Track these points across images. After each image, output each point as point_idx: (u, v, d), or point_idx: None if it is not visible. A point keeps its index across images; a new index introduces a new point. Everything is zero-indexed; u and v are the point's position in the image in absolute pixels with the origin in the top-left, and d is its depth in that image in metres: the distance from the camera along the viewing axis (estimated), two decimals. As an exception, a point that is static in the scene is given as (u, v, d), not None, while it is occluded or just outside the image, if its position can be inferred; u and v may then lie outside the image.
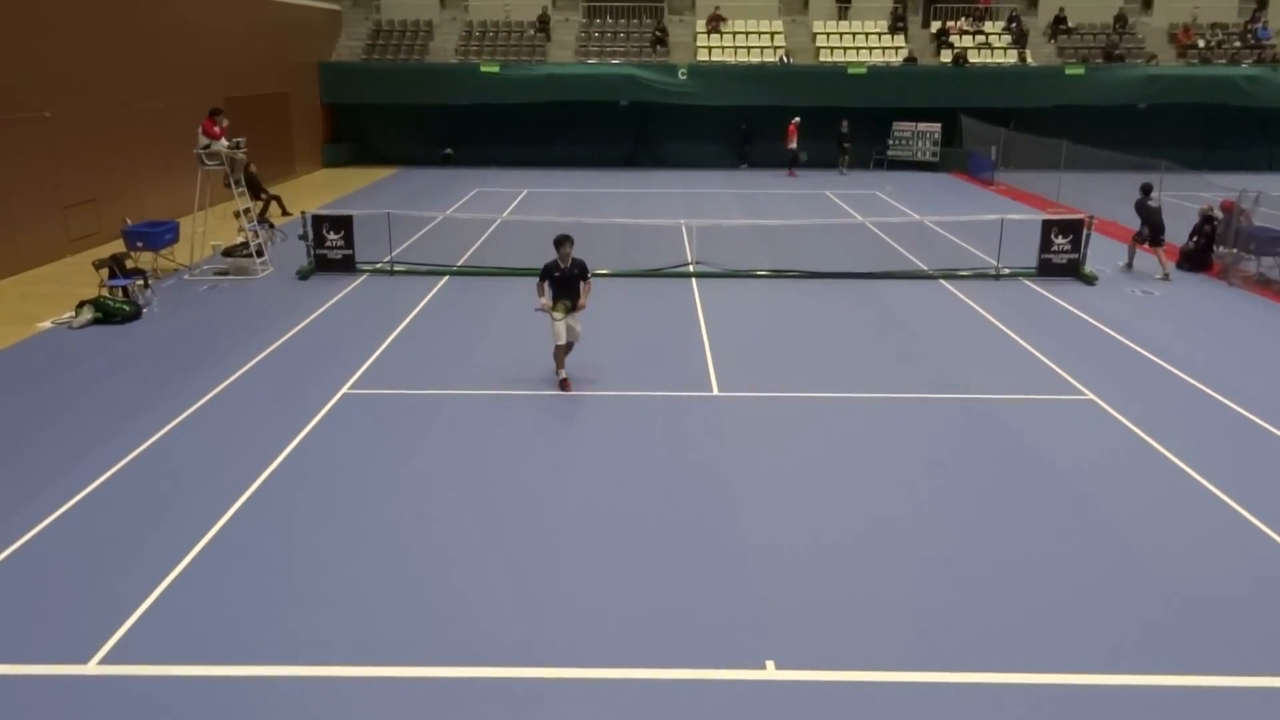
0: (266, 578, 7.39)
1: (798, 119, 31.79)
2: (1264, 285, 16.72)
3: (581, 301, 11.42)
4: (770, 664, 6.36)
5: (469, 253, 19.01)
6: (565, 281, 11.30)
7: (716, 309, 15.15)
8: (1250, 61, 33.74)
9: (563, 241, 11.29)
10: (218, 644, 6.55)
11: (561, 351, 11.52)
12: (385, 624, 6.80)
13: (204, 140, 17.23)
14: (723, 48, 34.55)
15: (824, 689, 6.13)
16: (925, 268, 17.94)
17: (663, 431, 10.28)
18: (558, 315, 11.22)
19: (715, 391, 11.55)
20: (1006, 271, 17.41)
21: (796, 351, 13.09)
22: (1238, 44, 34.75)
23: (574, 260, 11.36)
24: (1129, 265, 18.03)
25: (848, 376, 12.09)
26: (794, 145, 32.05)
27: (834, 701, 6.01)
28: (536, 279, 11.48)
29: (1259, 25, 35.13)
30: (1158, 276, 17.22)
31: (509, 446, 9.86)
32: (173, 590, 7.21)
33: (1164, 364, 12.55)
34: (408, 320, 14.46)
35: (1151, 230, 17.48)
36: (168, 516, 8.33)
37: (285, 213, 22.57)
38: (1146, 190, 17.85)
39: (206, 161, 17.28)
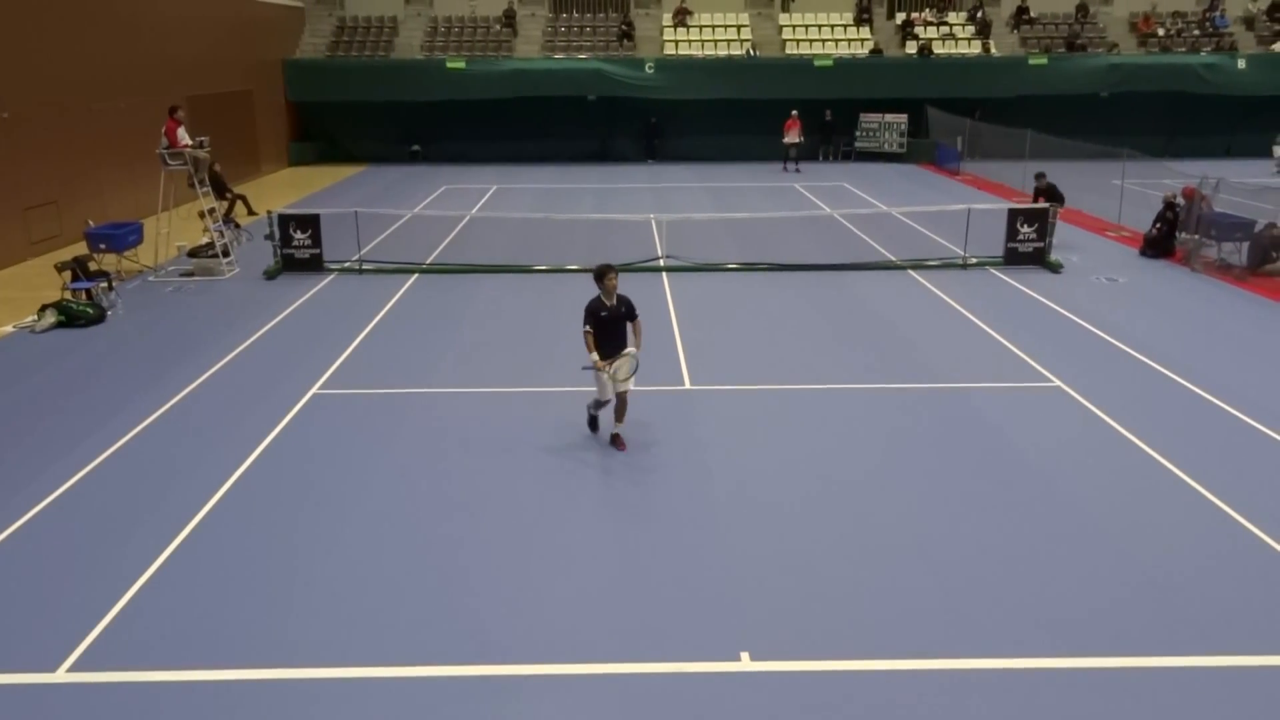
0: (239, 580, 7.33)
1: (796, 111, 30.94)
2: (1224, 270, 16.98)
3: (635, 348, 9.53)
4: (745, 655, 6.39)
5: (438, 250, 18.92)
6: (612, 324, 9.42)
7: (687, 303, 15.18)
8: (1209, 50, 34.20)
9: (606, 273, 9.42)
10: (191, 648, 6.49)
11: (603, 404, 9.75)
12: (360, 624, 6.77)
13: (166, 141, 17.05)
14: (689, 41, 34.56)
15: (799, 679, 6.17)
16: (894, 258, 18.06)
17: (636, 426, 10.28)
18: (622, 376, 9.36)
19: (688, 385, 11.57)
20: (974, 261, 17.56)
21: (768, 344, 13.14)
22: (1196, 33, 35.22)
23: (619, 296, 9.54)
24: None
25: (819, 368, 12.16)
26: (793, 139, 30.85)
27: (809, 691, 6.05)
28: (584, 328, 9.41)
29: (1217, 14, 35.62)
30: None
31: (481, 444, 9.83)
32: (143, 595, 7.13)
33: (1128, 350, 12.72)
34: (377, 319, 14.37)
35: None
36: (137, 520, 8.24)
37: (251, 212, 22.35)
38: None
39: (170, 161, 17.08)
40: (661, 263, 17.60)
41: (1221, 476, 8.95)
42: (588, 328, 9.36)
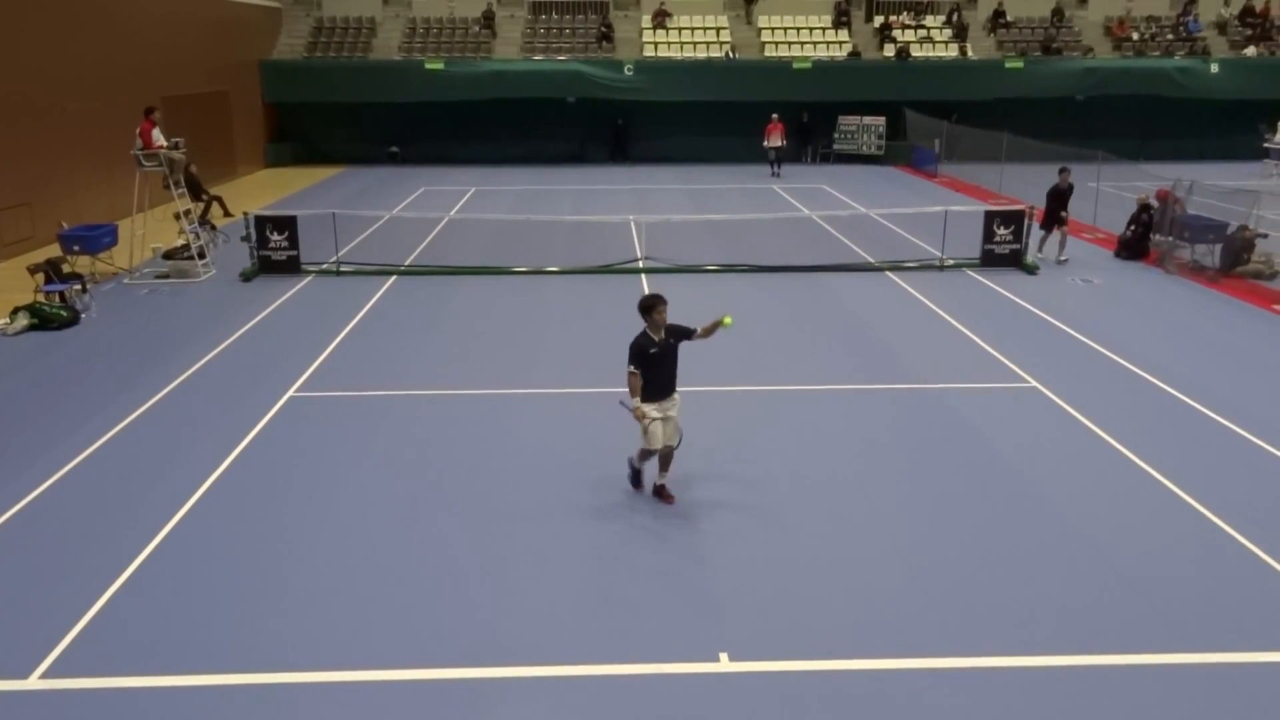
0: (216, 584, 7.27)
1: (776, 115, 30.41)
2: (1198, 271, 17.15)
3: (723, 320, 8.36)
4: (724, 656, 6.40)
5: (416, 252, 18.85)
6: (661, 360, 8.18)
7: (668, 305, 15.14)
8: (1182, 54, 34.57)
9: (656, 305, 8.12)
10: (166, 654, 6.43)
11: (649, 455, 8.51)
12: (339, 628, 6.73)
13: (141, 142, 16.91)
14: (669, 43, 34.60)
15: (778, 679, 6.18)
16: (872, 260, 18.14)
17: (614, 428, 10.27)
18: (656, 414, 8.21)
19: (666, 387, 11.56)
20: (951, 263, 17.67)
21: (746, 345, 13.15)
22: (1170, 37, 35.60)
23: (668, 326, 8.25)
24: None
25: (797, 369, 12.19)
26: (775, 143, 30.28)
27: (788, 691, 6.07)
28: (629, 368, 8.13)
29: (1190, 18, 36.02)
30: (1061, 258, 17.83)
31: (459, 446, 9.80)
32: (118, 600, 7.06)
33: (1103, 350, 12.83)
34: (355, 321, 14.30)
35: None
36: (112, 525, 8.16)
37: (227, 214, 22.21)
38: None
39: (145, 162, 16.94)
40: (641, 264, 17.61)
41: (1194, 475, 9.03)
42: (634, 369, 8.04)
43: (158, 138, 17.09)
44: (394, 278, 16.94)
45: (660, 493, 8.54)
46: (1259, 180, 19.64)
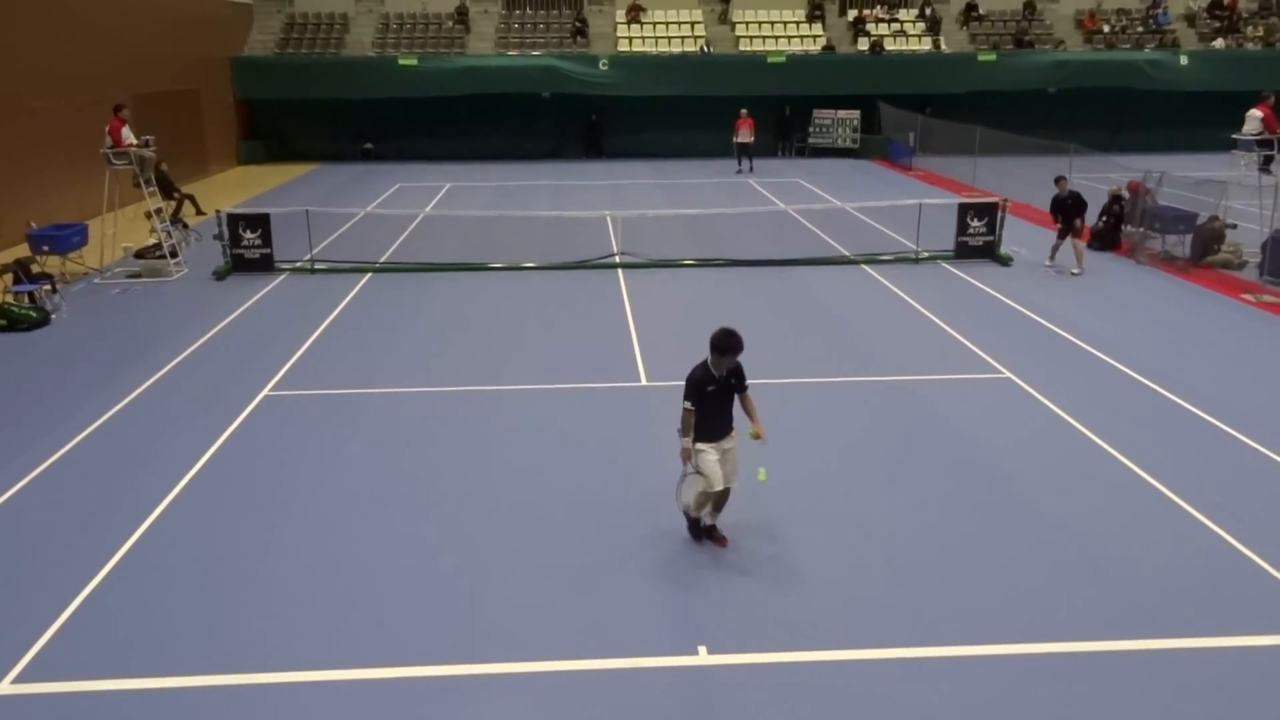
0: (190, 586, 7.22)
1: (746, 110, 30.04)
2: (1168, 262, 17.34)
3: (757, 427, 7.56)
4: (703, 649, 6.42)
5: (391, 249, 18.75)
6: (718, 398, 7.49)
7: (643, 299, 15.19)
8: (1152, 46, 34.90)
9: (733, 347, 7.38)
10: (141, 656, 6.38)
11: (709, 500, 7.70)
12: (316, 627, 6.70)
13: (111, 140, 16.73)
14: (643, 38, 34.57)
15: (757, 671, 6.21)
16: (847, 253, 18.22)
17: (592, 424, 10.29)
18: (714, 454, 7.50)
19: (644, 382, 11.59)
20: (925, 255, 17.77)
21: (723, 339, 13.18)
22: (1140, 29, 35.92)
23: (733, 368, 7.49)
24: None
25: (773, 362, 12.22)
26: (745, 138, 29.71)
27: (767, 683, 6.10)
28: (685, 404, 7.39)
29: (1160, 11, 36.36)
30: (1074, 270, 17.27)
31: (436, 444, 9.77)
32: (90, 603, 7.00)
33: (1075, 340, 12.95)
34: (330, 319, 14.21)
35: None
36: (84, 527, 8.08)
37: (199, 212, 22.02)
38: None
39: (114, 161, 16.77)
40: (617, 259, 17.60)
41: (1164, 462, 9.14)
42: (689, 404, 7.38)
43: (128, 136, 16.91)
44: (369, 275, 16.85)
45: (712, 534, 7.84)
46: (1227, 171, 19.85)
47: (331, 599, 7.04)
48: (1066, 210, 16.72)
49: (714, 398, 7.45)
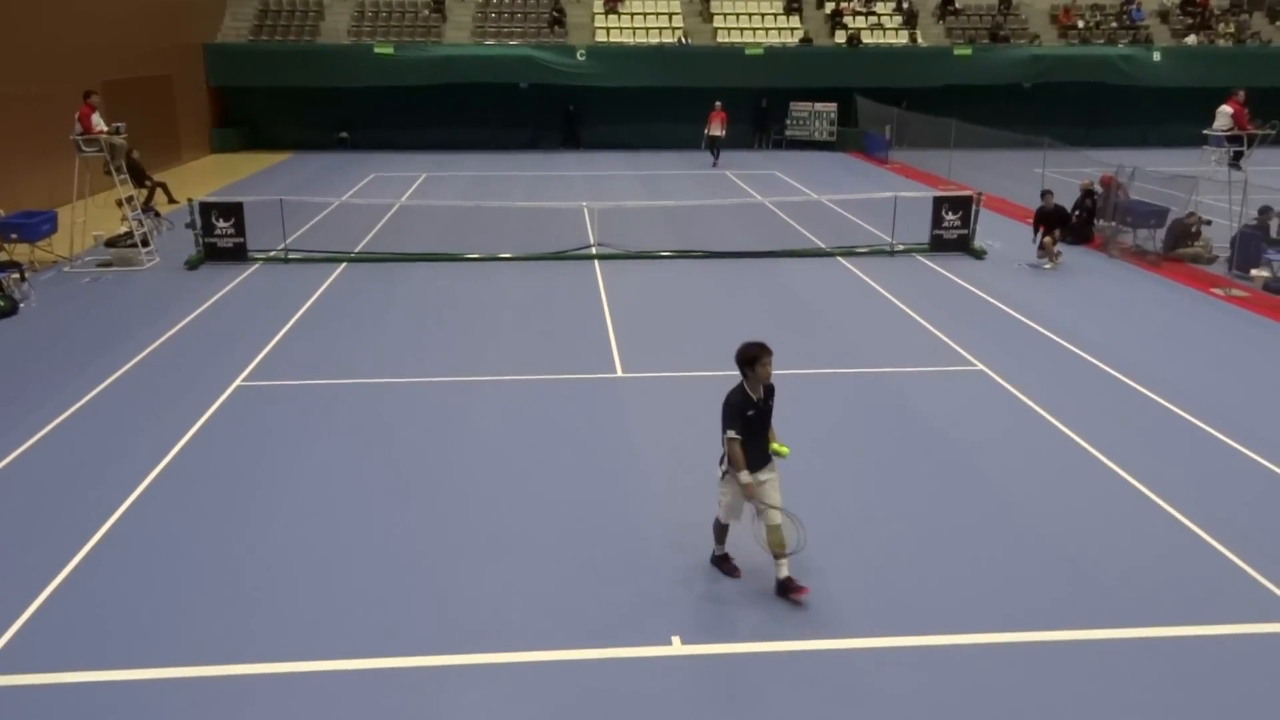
0: (161, 578, 7.16)
1: (720, 103, 29.86)
2: (1140, 256, 17.52)
3: (778, 444, 6.94)
4: (676, 639, 6.45)
5: (367, 239, 18.63)
6: (758, 423, 6.84)
7: (619, 291, 15.18)
8: (1126, 42, 35.20)
9: (761, 355, 6.80)
10: (112, 648, 6.33)
11: (780, 535, 6.86)
12: (288, 619, 6.66)
13: (80, 127, 16.50)
14: (621, 29, 34.48)
15: (730, 661, 6.24)
16: (824, 246, 18.28)
17: (567, 414, 10.29)
18: (774, 499, 6.84)
19: (619, 373, 11.59)
20: (901, 248, 17.86)
21: (699, 331, 13.21)
22: (1114, 25, 36.22)
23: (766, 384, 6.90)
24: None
25: (749, 354, 12.24)
26: (716, 131, 29.51)
27: (740, 673, 6.13)
28: (729, 433, 6.72)
29: (1133, 6, 36.68)
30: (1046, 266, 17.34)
31: (411, 435, 9.74)
32: (60, 595, 6.93)
33: (1047, 333, 13.07)
34: (304, 309, 14.11)
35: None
36: (53, 518, 7.99)
37: (171, 200, 21.78)
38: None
39: (84, 148, 16.55)
40: (594, 250, 17.58)
41: (1133, 454, 9.25)
42: (734, 434, 6.65)
43: (98, 122, 16.69)
44: (344, 265, 16.74)
45: (788, 588, 6.82)
46: (1198, 166, 20.07)
47: (304, 591, 7.01)
48: (1050, 222, 16.93)
49: (754, 423, 6.73)
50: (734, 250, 17.68)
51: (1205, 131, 21.68)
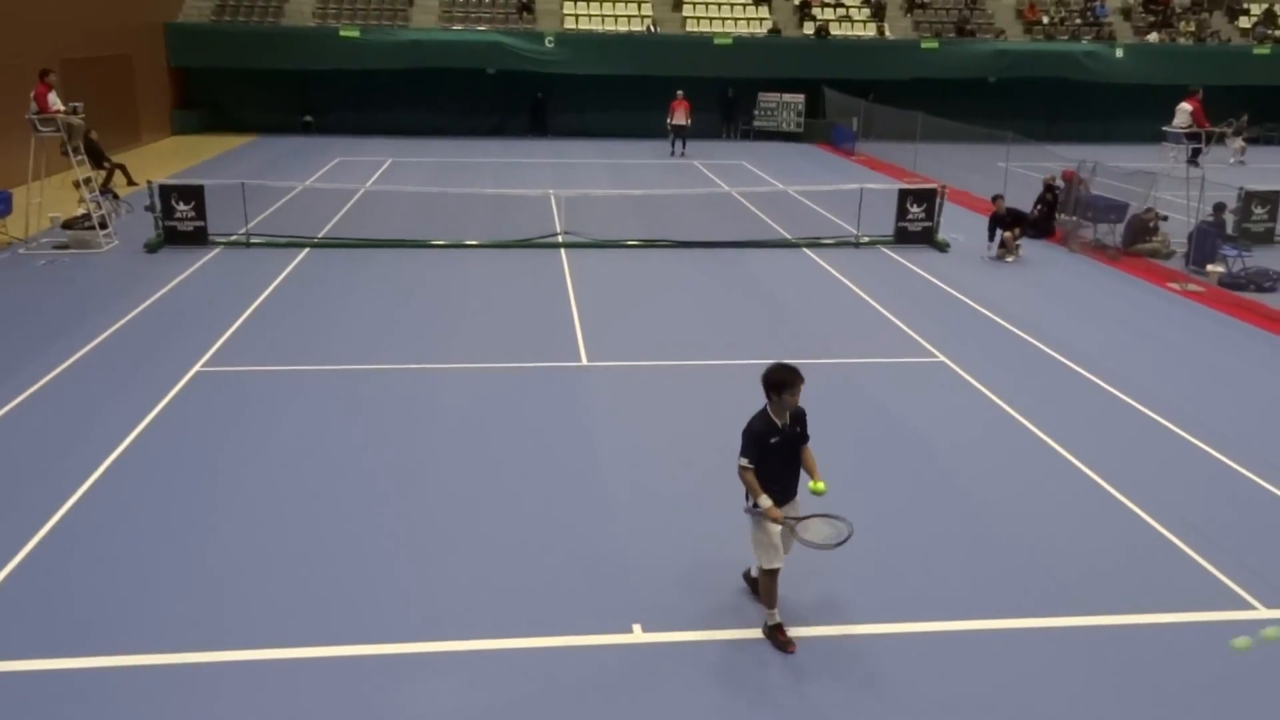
0: (117, 565, 7.07)
1: (682, 91, 29.71)
2: (1099, 250, 17.77)
3: (819, 481, 6.27)
4: (637, 627, 6.47)
5: (331, 224, 18.45)
6: (782, 452, 6.30)
7: (586, 279, 15.16)
8: (1090, 38, 35.62)
9: (790, 381, 6.26)
10: (62, 636, 6.24)
11: (775, 577, 6.34)
12: (247, 607, 6.60)
13: (36, 106, 16.18)
14: (590, 16, 34.35)
15: (691, 649, 6.28)
16: (790, 236, 18.36)
17: (531, 403, 10.27)
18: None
19: (584, 362, 11.59)
20: (866, 239, 17.98)
21: (665, 320, 13.24)
22: (1079, 21, 36.63)
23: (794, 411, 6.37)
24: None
25: (714, 344, 12.30)
26: (680, 120, 29.36)
27: (701, 661, 6.17)
28: (741, 461, 6.24)
29: (1097, 3, 37.11)
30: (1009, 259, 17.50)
31: (374, 423, 9.67)
32: (11, 583, 6.81)
33: (1008, 325, 13.23)
34: (266, 294, 13.95)
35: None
36: (4, 506, 7.86)
37: (131, 182, 21.45)
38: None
39: (41, 128, 16.23)
40: (560, 239, 17.53)
41: (1089, 445, 9.39)
42: (747, 462, 6.17)
43: (54, 101, 16.38)
44: (307, 250, 16.57)
45: (779, 636, 6.31)
46: (1157, 163, 20.41)
47: (263, 579, 6.95)
48: (1005, 225, 17.12)
49: (777, 452, 6.19)
50: (700, 240, 17.71)
51: (1165, 128, 22.03)
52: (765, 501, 6.09)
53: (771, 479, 6.18)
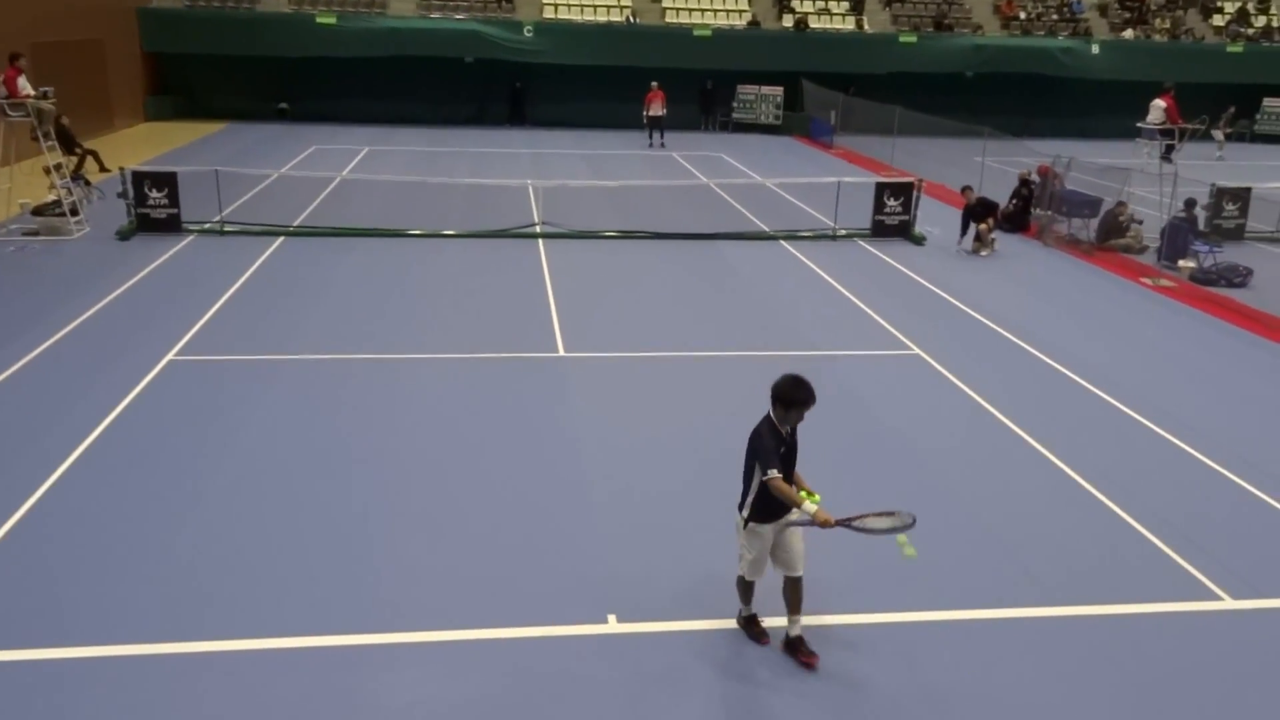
0: (88, 555, 7.00)
1: (656, 83, 29.56)
2: (1074, 244, 17.92)
3: (811, 494, 6.12)
4: (612, 618, 6.49)
5: (306, 212, 18.30)
6: (786, 460, 6.16)
7: (563, 270, 15.13)
8: (1066, 34, 35.85)
9: (806, 401, 6.23)
10: (31, 627, 6.18)
11: (749, 589, 6.37)
12: (219, 598, 6.56)
13: (6, 90, 15.93)
14: (569, 6, 34.19)
15: (664, 639, 6.30)
16: (767, 229, 18.40)
17: (507, 393, 10.25)
18: (798, 548, 6.21)
19: (561, 352, 11.57)
20: (843, 232, 18.04)
21: (642, 311, 13.24)
22: (1055, 17, 36.86)
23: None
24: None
25: (691, 335, 12.32)
26: (656, 112, 29.36)
27: (675, 651, 6.19)
28: (769, 474, 5.93)
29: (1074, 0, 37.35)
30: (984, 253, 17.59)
31: (348, 413, 9.62)
32: (-21, 573, 6.75)
33: (982, 319, 13.32)
34: (240, 282, 13.83)
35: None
36: (-28, 495, 7.77)
37: (103, 169, 21.18)
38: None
39: (10, 113, 15.99)
40: (538, 229, 17.48)
41: (1060, 438, 9.48)
42: (775, 473, 5.89)
43: (24, 86, 16.13)
44: (282, 239, 16.43)
45: (799, 649, 6.16)
46: (1131, 158, 20.62)
47: (236, 569, 6.90)
48: (978, 217, 17.20)
49: (784, 461, 6.07)
50: (678, 232, 17.71)
51: (1139, 124, 22.26)
52: (811, 507, 5.84)
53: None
